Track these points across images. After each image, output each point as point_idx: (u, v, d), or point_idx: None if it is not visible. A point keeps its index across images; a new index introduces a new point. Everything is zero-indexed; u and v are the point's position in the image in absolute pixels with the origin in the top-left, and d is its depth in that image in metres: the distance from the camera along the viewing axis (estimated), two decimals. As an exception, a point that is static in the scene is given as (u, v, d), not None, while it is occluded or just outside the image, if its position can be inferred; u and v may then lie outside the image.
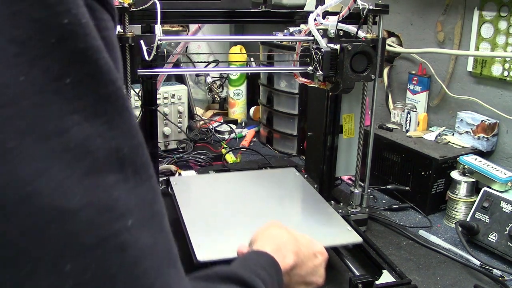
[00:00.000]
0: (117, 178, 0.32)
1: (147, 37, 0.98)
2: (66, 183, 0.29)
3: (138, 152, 0.34)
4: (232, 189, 1.25)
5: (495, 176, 1.19)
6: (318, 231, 1.02)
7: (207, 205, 1.15)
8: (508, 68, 1.30)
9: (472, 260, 1.09)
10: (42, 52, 0.29)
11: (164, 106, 1.67)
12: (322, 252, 0.84)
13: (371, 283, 0.90)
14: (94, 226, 0.30)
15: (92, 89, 0.31)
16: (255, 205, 1.16)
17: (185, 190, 1.21)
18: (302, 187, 1.28)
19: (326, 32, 1.10)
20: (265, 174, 1.38)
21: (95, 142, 0.31)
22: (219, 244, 0.96)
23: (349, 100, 1.21)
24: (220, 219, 1.07)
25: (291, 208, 1.19)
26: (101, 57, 0.32)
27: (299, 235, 0.82)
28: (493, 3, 1.31)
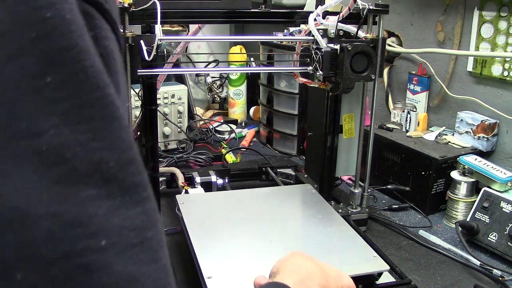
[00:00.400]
0: (96, 193, 0.28)
1: (147, 37, 0.98)
2: (30, 187, 0.26)
3: (129, 170, 0.30)
4: (244, 210, 1.13)
5: (495, 176, 1.19)
6: (342, 259, 0.94)
7: (218, 229, 1.03)
8: (508, 68, 1.30)
9: (472, 260, 1.09)
10: (20, 46, 0.27)
11: (164, 106, 1.67)
12: (350, 286, 0.76)
13: (371, 283, 0.90)
14: (55, 239, 0.27)
15: (76, 92, 0.28)
16: (271, 229, 1.04)
17: (194, 211, 1.09)
18: (320, 207, 1.14)
19: (326, 32, 1.10)
20: (279, 192, 1.26)
21: (73, 149, 0.28)
22: (231, 275, 0.87)
23: (349, 100, 1.21)
24: (232, 245, 0.96)
25: (311, 232, 1.07)
26: (87, 58, 0.29)
27: (326, 266, 0.75)
28: (493, 3, 1.31)
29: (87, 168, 0.28)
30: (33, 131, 0.26)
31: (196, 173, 1.36)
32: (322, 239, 1.02)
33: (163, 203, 1.17)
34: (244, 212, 1.12)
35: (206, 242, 0.96)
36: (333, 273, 0.74)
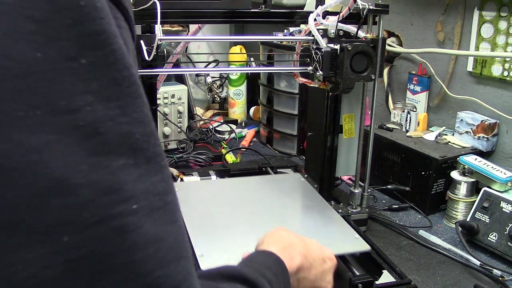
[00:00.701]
0: (126, 163, 0.32)
1: (147, 37, 0.98)
2: (71, 158, 0.30)
3: (151, 141, 0.34)
4: (236, 196, 1.21)
5: (495, 176, 1.19)
6: (325, 239, 0.99)
7: (211, 212, 1.10)
8: (508, 68, 1.30)
9: (472, 260, 1.09)
10: (58, 31, 0.30)
11: (164, 106, 1.67)
12: (331, 258, 0.82)
13: (371, 283, 0.90)
14: (94, 204, 0.30)
15: (106, 72, 0.32)
16: (260, 213, 1.12)
17: (188, 197, 1.17)
18: (308, 193, 1.24)
19: (326, 32, 1.10)
20: (270, 180, 1.34)
21: (106, 124, 0.31)
22: (222, 253, 0.93)
23: (349, 100, 1.21)
24: (224, 227, 1.03)
25: (297, 215, 1.16)
26: (115, 41, 0.32)
27: (308, 239, 0.81)
28: (493, 3, 1.31)
29: (118, 140, 0.32)
30: (72, 108, 0.30)
31: (196, 173, 1.36)
32: (308, 222, 1.10)
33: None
34: (236, 197, 1.20)
35: (198, 224, 1.02)
36: (313, 245, 0.80)
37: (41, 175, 0.29)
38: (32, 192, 0.29)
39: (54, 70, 0.30)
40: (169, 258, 0.34)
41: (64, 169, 0.29)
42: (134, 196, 0.32)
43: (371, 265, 1.01)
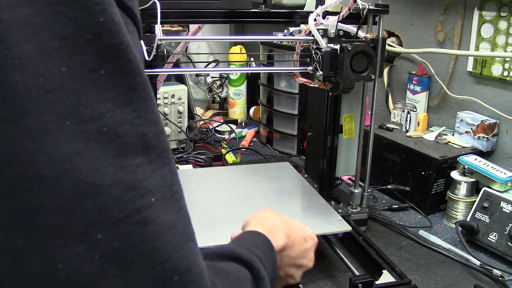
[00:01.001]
0: (142, 161, 0.36)
1: (147, 37, 0.98)
2: (99, 162, 0.33)
3: (160, 138, 0.38)
4: (227, 182, 1.29)
5: (495, 176, 1.19)
6: (309, 221, 1.05)
7: (203, 197, 1.18)
8: (508, 68, 1.30)
9: (472, 260, 1.09)
10: (80, 46, 0.33)
11: (164, 106, 1.67)
12: (312, 237, 0.87)
13: (371, 283, 0.90)
14: (121, 201, 0.34)
15: (123, 80, 0.35)
16: (249, 197, 1.19)
17: (182, 183, 1.21)
18: (295, 180, 1.31)
19: (326, 32, 1.10)
20: (260, 168, 1.42)
21: (124, 127, 0.35)
22: (213, 233, 0.97)
23: (349, 100, 1.21)
24: (214, 210, 1.11)
25: (284, 200, 1.22)
26: (131, 51, 0.35)
27: (290, 220, 0.86)
28: (493, 3, 1.31)
29: (134, 141, 0.35)
30: (95, 115, 0.33)
31: (196, 173, 1.38)
32: (294, 205, 1.19)
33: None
34: (226, 183, 1.28)
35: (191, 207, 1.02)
36: (296, 226, 0.85)
37: (75, 181, 0.32)
38: (68, 197, 0.32)
39: (79, 82, 0.33)
40: (182, 242, 0.38)
41: (93, 173, 0.33)
42: (151, 190, 0.36)
43: (371, 265, 1.01)
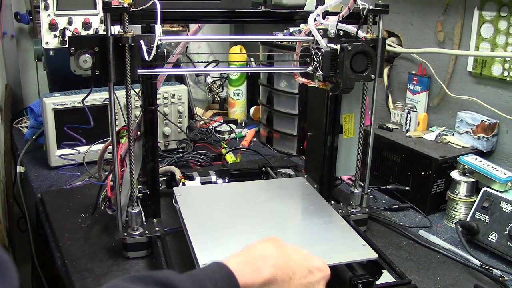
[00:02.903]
0: None
1: (147, 37, 0.98)
2: None
3: None
4: (238, 202, 1.19)
5: (495, 176, 1.19)
6: (330, 246, 0.98)
7: (213, 219, 1.09)
8: (508, 68, 1.30)
9: (472, 260, 1.09)
10: None
11: (164, 106, 1.67)
12: (321, 269, 0.78)
13: (371, 283, 0.90)
14: None
15: None
16: (262, 219, 1.10)
17: (190, 202, 1.15)
18: (312, 198, 1.20)
19: (326, 32, 1.10)
20: (273, 185, 1.31)
21: None
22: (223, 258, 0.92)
23: (349, 100, 1.21)
24: (227, 235, 1.02)
25: (301, 222, 1.12)
26: None
27: (292, 250, 0.77)
28: (493, 3, 1.31)
29: None
30: None
31: (196, 173, 1.36)
32: (313, 229, 1.06)
33: (163, 203, 1.17)
34: (239, 203, 1.18)
35: (202, 231, 1.01)
36: (298, 256, 0.76)
37: None
38: None
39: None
40: None
41: None
42: None
43: (371, 265, 1.01)
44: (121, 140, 1.09)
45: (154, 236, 1.06)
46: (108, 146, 1.12)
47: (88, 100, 1.06)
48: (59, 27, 1.62)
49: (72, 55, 0.95)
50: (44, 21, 1.62)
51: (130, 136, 1.03)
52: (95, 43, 0.95)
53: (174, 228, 1.14)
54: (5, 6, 2.01)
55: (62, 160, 1.46)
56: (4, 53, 2.07)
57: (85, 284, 0.98)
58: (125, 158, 1.07)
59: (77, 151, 1.28)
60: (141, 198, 1.09)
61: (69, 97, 1.52)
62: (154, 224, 1.10)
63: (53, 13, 1.62)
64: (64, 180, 1.46)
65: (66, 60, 0.96)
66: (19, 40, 2.13)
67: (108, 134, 1.41)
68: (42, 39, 1.62)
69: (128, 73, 0.97)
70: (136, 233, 1.06)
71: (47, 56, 1.64)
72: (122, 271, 1.02)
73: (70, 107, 1.50)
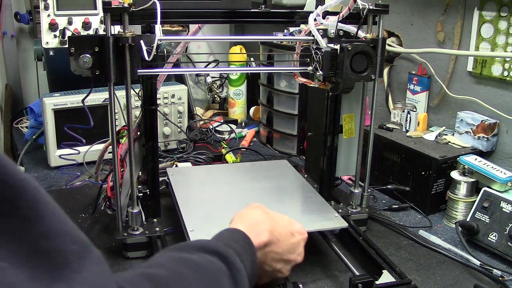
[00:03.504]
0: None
1: (147, 37, 0.98)
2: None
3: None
4: (226, 179, 1.30)
5: (495, 176, 1.19)
6: (305, 217, 1.08)
7: (202, 193, 1.20)
8: (508, 68, 1.30)
9: (472, 260, 1.09)
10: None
11: (164, 106, 1.67)
12: (301, 232, 0.88)
13: (371, 283, 0.90)
14: None
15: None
16: (247, 194, 1.21)
17: (181, 180, 1.26)
18: (293, 178, 1.32)
19: (326, 32, 1.10)
20: (259, 166, 1.44)
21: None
22: (211, 229, 0.96)
23: (349, 100, 1.21)
24: (213, 206, 1.13)
25: (281, 197, 1.23)
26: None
27: (277, 216, 0.86)
28: (493, 3, 1.31)
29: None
30: None
31: (196, 173, 1.37)
32: (291, 203, 1.21)
33: (163, 203, 1.17)
34: (225, 180, 1.30)
35: (190, 203, 1.13)
36: (282, 221, 0.86)
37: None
38: None
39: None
40: None
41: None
42: None
43: (371, 265, 1.01)
44: (121, 140, 1.09)
45: (154, 236, 1.06)
46: (108, 146, 1.12)
47: (88, 100, 1.06)
48: (59, 27, 1.62)
49: (72, 55, 0.95)
50: (44, 21, 1.62)
51: (130, 136, 1.03)
52: (95, 43, 0.95)
53: (174, 228, 1.15)
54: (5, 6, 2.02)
55: (62, 160, 1.46)
56: (4, 53, 2.08)
57: (85, 284, 0.98)
58: (125, 158, 1.07)
59: (77, 151, 1.28)
60: (141, 198, 1.09)
61: (69, 97, 1.52)
62: (154, 224, 1.10)
63: (53, 13, 1.62)
64: (64, 180, 1.46)
65: (66, 60, 0.96)
66: (19, 40, 2.13)
67: (108, 134, 1.41)
68: (42, 39, 1.62)
69: (128, 73, 0.97)
70: (136, 233, 1.06)
71: (47, 56, 1.64)
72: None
73: (70, 107, 1.50)
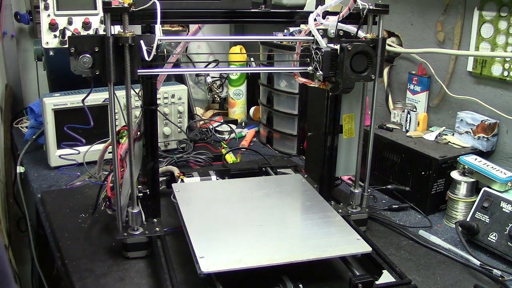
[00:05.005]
0: None
1: (147, 37, 0.98)
2: None
3: None
4: (236, 197, 1.20)
5: (495, 176, 1.19)
6: (326, 240, 1.00)
7: (211, 214, 1.10)
8: (508, 68, 1.30)
9: (472, 260, 1.09)
10: None
11: (164, 106, 1.67)
12: None
13: (371, 283, 0.90)
14: None
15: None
16: (260, 214, 1.11)
17: (188, 198, 1.17)
18: (308, 194, 1.22)
19: (326, 32, 1.10)
20: (271, 181, 1.33)
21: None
22: (223, 255, 0.93)
23: (349, 100, 1.21)
24: (224, 229, 1.03)
25: (298, 217, 1.14)
26: None
27: None
28: (493, 3, 1.31)
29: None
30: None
31: (196, 173, 1.36)
32: (309, 224, 1.08)
33: (163, 203, 1.17)
34: (236, 199, 1.20)
35: (199, 226, 1.04)
36: None
37: None
38: None
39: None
40: None
41: None
42: None
43: (371, 265, 1.01)
44: (121, 140, 1.09)
45: (154, 236, 1.06)
46: (108, 146, 1.12)
47: (88, 100, 1.06)
48: (59, 27, 1.62)
49: (72, 55, 0.95)
50: (44, 21, 1.62)
51: (130, 136, 1.03)
52: (95, 43, 0.95)
53: (174, 228, 1.14)
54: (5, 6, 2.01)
55: (62, 160, 1.46)
56: (4, 53, 2.07)
57: (85, 284, 0.98)
58: (125, 158, 1.07)
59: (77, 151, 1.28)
60: (141, 198, 1.09)
61: (69, 97, 1.52)
62: (154, 224, 1.10)
63: (53, 13, 1.62)
64: (64, 180, 1.46)
65: (66, 60, 0.96)
66: (19, 40, 2.13)
67: (108, 134, 1.41)
68: (42, 39, 1.62)
69: (128, 73, 0.97)
70: (136, 233, 1.06)
71: (47, 56, 1.64)
72: (122, 271, 1.02)
73: (70, 107, 1.50)
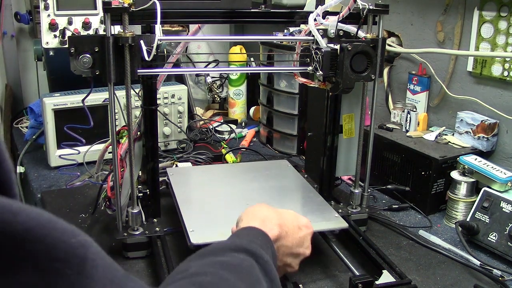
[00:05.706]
0: None
1: (147, 37, 0.98)
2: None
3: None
4: (226, 179, 1.30)
5: (495, 176, 1.19)
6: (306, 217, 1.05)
7: (202, 194, 1.20)
8: (508, 68, 1.30)
9: (472, 260, 1.09)
10: None
11: (164, 106, 1.67)
12: (307, 225, 0.89)
13: (371, 283, 0.90)
14: None
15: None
16: (247, 194, 1.20)
17: (181, 180, 1.26)
18: (293, 178, 1.32)
19: (326, 32, 1.10)
20: (259, 166, 1.44)
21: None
22: (211, 229, 1.00)
23: (349, 100, 1.21)
24: (213, 207, 1.13)
25: (282, 197, 1.22)
26: None
27: (283, 211, 0.88)
28: (493, 3, 1.31)
29: None
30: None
31: (196, 173, 1.38)
32: (291, 203, 1.20)
33: (163, 203, 1.17)
34: (225, 181, 1.29)
35: (190, 203, 1.13)
36: (289, 215, 0.88)
37: None
38: None
39: None
40: None
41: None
42: None
43: (371, 265, 1.01)
44: (121, 140, 1.09)
45: (154, 236, 1.06)
46: (108, 146, 1.12)
47: (88, 100, 1.06)
48: (59, 27, 1.62)
49: (72, 55, 0.95)
50: (44, 21, 1.62)
51: (130, 136, 1.03)
52: (95, 43, 0.95)
53: (174, 228, 1.14)
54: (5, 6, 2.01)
55: (62, 160, 1.46)
56: (4, 53, 2.08)
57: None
58: (125, 158, 1.07)
59: (77, 151, 1.28)
60: (141, 198, 1.09)
61: (69, 97, 1.52)
62: (154, 224, 1.10)
63: (53, 13, 1.62)
64: (64, 180, 1.46)
65: (66, 60, 0.96)
66: (19, 40, 2.13)
67: (108, 134, 1.41)
68: (42, 39, 1.62)
69: (128, 73, 0.97)
70: (136, 233, 1.06)
71: (47, 56, 1.64)
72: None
73: (70, 107, 1.50)
